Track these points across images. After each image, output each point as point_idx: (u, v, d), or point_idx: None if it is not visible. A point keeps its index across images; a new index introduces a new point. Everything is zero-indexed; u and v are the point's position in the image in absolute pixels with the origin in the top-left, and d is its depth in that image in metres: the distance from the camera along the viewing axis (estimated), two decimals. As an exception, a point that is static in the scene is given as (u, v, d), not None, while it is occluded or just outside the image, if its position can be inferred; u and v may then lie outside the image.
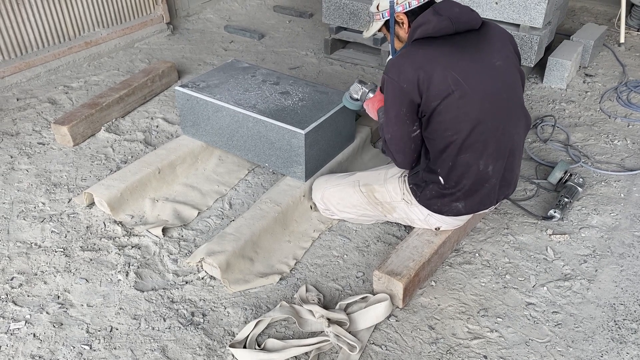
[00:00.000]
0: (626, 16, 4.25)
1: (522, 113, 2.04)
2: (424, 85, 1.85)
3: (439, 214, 2.08)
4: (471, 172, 1.97)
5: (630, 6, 4.44)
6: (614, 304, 2.06)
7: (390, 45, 2.16)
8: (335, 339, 1.85)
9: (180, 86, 2.67)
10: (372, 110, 2.31)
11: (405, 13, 2.00)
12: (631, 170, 2.75)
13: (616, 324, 1.97)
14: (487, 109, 1.90)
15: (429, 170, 2.03)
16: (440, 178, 2.00)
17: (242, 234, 2.20)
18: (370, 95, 2.35)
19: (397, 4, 1.99)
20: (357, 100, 2.42)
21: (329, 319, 1.91)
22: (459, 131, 1.89)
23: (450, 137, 1.91)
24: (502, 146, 1.98)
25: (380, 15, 2.07)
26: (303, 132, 2.33)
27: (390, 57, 2.21)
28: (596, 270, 2.20)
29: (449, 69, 1.84)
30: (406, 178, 2.16)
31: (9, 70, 3.46)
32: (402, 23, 2.02)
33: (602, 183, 2.68)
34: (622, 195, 2.60)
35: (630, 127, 3.15)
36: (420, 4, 1.98)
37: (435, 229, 2.17)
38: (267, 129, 2.44)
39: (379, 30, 2.15)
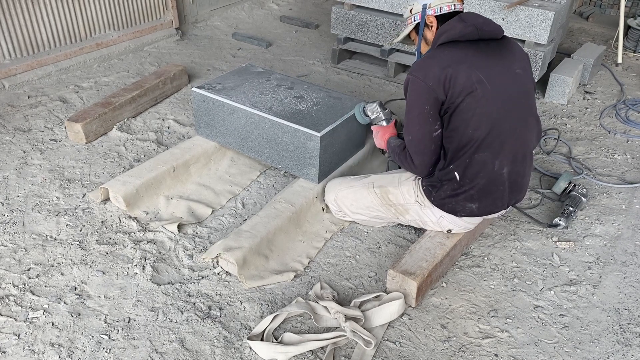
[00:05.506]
0: (623, 38, 4.39)
1: (535, 121, 2.13)
2: (449, 83, 1.94)
3: (452, 213, 2.14)
4: (486, 170, 2.04)
5: (627, 28, 4.59)
6: (619, 309, 2.12)
7: (416, 49, 2.27)
8: (352, 334, 1.89)
9: (197, 87, 2.73)
10: (380, 138, 2.43)
11: (436, 17, 2.12)
12: (631, 184, 2.84)
13: (621, 328, 2.04)
14: (506, 110, 2.00)
15: (444, 169, 2.09)
16: (455, 174, 2.06)
17: (258, 231, 2.24)
18: (384, 123, 2.45)
19: (429, 7, 2.11)
20: (368, 117, 2.51)
21: (345, 315, 1.95)
22: (479, 129, 1.98)
23: (470, 134, 1.99)
24: (516, 149, 2.06)
25: (412, 18, 2.19)
26: (319, 134, 2.39)
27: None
28: (600, 277, 2.27)
29: (473, 68, 1.94)
30: (420, 181, 2.22)
31: (21, 67, 3.50)
32: (432, 26, 2.14)
33: (604, 195, 2.77)
34: (623, 206, 2.68)
35: (629, 142, 3.25)
36: (450, 10, 2.10)
37: (447, 231, 2.23)
38: (282, 131, 2.49)
39: (409, 35, 2.26)
